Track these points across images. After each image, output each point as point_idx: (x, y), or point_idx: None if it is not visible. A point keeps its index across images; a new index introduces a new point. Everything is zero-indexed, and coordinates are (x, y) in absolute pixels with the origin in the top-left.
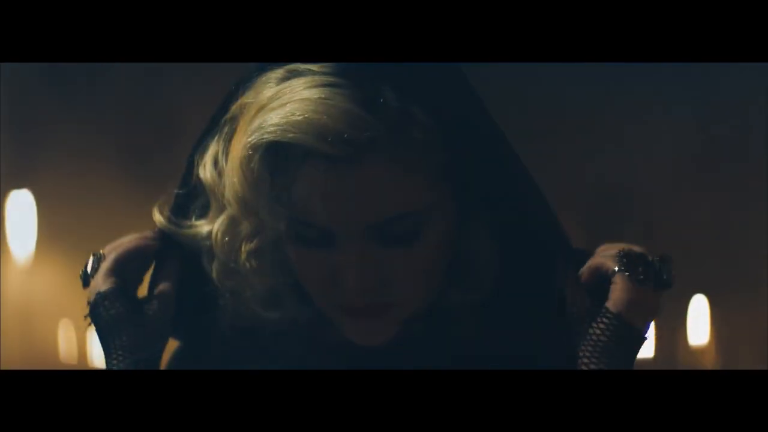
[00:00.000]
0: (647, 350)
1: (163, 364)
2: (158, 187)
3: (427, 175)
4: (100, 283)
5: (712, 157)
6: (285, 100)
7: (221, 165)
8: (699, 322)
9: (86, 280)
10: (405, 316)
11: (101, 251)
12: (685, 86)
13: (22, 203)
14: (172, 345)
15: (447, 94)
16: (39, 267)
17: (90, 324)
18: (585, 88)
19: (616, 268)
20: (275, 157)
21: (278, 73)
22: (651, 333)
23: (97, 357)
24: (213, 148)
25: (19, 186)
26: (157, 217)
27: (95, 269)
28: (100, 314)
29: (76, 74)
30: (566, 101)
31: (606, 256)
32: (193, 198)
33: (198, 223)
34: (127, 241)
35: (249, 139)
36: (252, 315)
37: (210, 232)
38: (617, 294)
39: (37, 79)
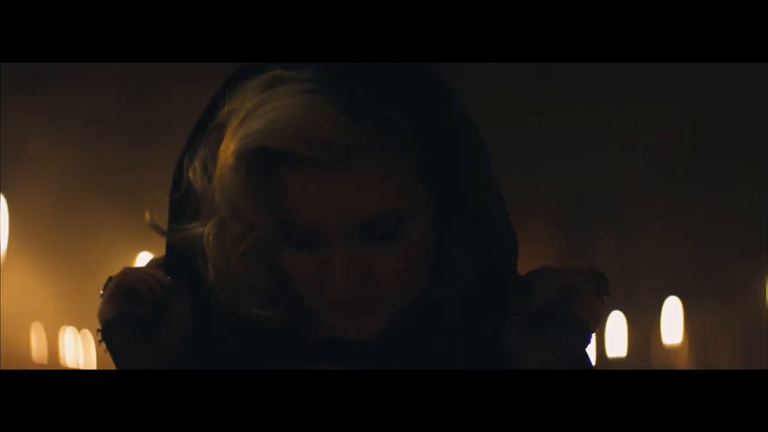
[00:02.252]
0: (621, 349)
1: None
2: (132, 190)
3: (407, 175)
4: (105, 310)
5: (686, 162)
6: (269, 107)
7: (210, 170)
8: (672, 322)
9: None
10: (392, 310)
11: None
12: (666, 88)
13: None
14: None
15: (425, 97)
16: (11, 270)
17: (105, 349)
18: (563, 88)
19: (584, 285)
20: (261, 162)
21: (262, 80)
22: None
23: (67, 357)
24: (202, 153)
25: None
26: (149, 221)
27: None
28: (109, 340)
29: (47, 76)
30: (544, 100)
31: (573, 273)
32: (184, 202)
33: (191, 226)
34: (135, 271)
35: (235, 146)
36: (247, 314)
37: (202, 235)
38: (587, 306)
39: (7, 81)
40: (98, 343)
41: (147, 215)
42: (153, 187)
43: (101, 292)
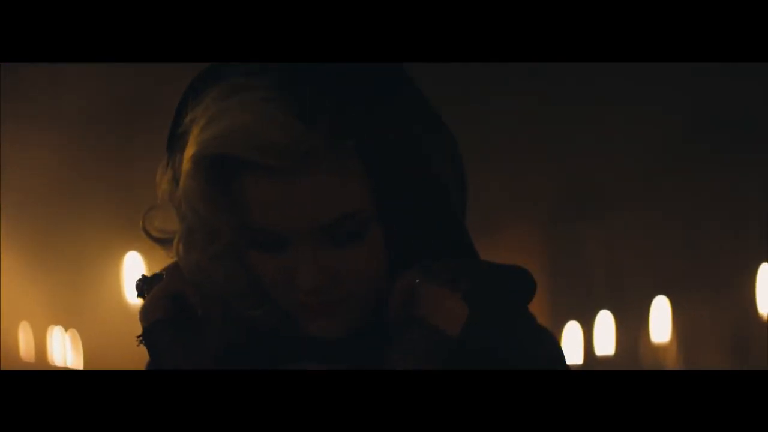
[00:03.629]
0: (609, 348)
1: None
2: (121, 191)
3: (366, 179)
4: (151, 311)
5: (672, 162)
6: (226, 115)
7: (178, 177)
8: (661, 321)
9: (141, 294)
10: (360, 309)
11: (162, 272)
12: (654, 87)
13: None
14: None
15: (383, 103)
16: (1, 271)
17: (141, 344)
18: (552, 87)
19: (418, 280)
20: (219, 169)
21: (222, 88)
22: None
23: (55, 357)
24: (172, 160)
25: None
26: (142, 227)
27: (149, 289)
28: (153, 341)
29: (38, 75)
30: (534, 99)
31: (408, 274)
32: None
33: (174, 231)
34: (181, 273)
35: (193, 153)
36: (238, 316)
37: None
38: (426, 303)
39: None
40: (139, 343)
41: (141, 222)
42: (142, 188)
43: (137, 289)
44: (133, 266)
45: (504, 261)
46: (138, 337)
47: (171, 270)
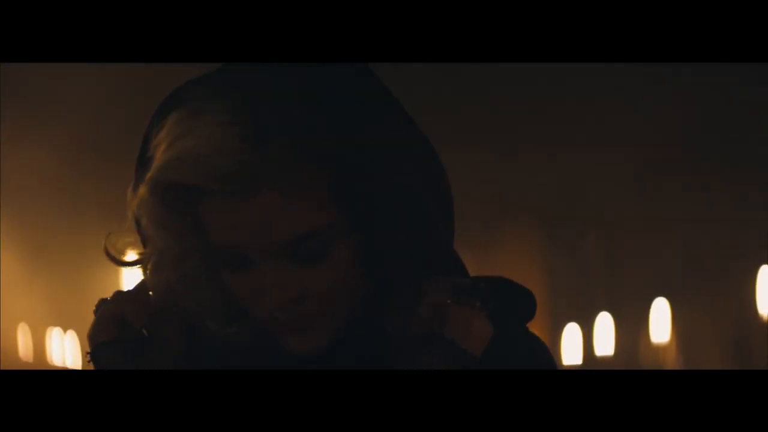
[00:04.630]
0: (609, 349)
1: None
2: (120, 194)
3: (325, 197)
4: (95, 334)
5: (672, 163)
6: (181, 141)
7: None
8: (660, 323)
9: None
10: (334, 326)
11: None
12: (653, 88)
13: None
14: None
15: (339, 125)
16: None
17: (90, 363)
18: (551, 90)
19: (449, 300)
20: (176, 193)
21: (181, 113)
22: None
23: (54, 357)
24: (139, 184)
25: None
26: (105, 249)
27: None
28: (100, 364)
29: (38, 75)
30: (532, 101)
31: (439, 290)
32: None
33: (141, 253)
34: (127, 296)
35: (149, 178)
36: (213, 331)
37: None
38: (457, 325)
39: None
40: (87, 362)
41: (104, 245)
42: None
43: (95, 313)
44: (133, 268)
45: (504, 261)
46: (88, 362)
47: (118, 292)
